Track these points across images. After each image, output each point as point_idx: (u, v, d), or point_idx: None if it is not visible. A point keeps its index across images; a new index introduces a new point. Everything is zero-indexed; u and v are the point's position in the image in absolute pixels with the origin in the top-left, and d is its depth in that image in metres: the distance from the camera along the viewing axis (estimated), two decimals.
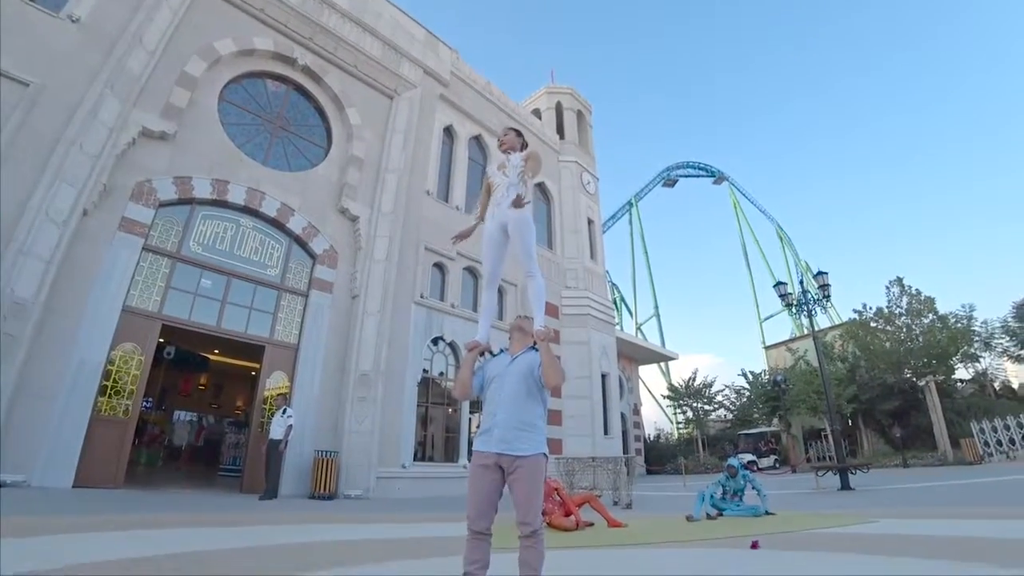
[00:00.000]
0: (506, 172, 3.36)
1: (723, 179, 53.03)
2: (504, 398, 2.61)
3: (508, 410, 2.57)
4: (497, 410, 2.60)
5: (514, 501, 2.51)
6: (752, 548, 4.33)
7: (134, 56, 9.53)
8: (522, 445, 2.51)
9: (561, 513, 6.11)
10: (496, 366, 2.78)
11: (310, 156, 12.81)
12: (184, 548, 3.98)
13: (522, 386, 2.63)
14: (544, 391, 2.70)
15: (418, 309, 13.10)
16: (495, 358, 2.85)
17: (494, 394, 2.67)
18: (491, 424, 2.58)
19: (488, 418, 2.63)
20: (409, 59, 14.81)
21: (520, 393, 2.62)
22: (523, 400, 2.61)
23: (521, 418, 2.57)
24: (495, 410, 2.61)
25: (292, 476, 10.07)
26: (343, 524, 6.03)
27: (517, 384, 2.63)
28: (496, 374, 2.73)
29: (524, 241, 3.24)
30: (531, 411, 2.61)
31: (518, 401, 2.60)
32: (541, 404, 2.69)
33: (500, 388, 2.65)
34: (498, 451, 2.51)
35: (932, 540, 4.48)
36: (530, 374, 2.65)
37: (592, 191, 21.26)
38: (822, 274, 14.17)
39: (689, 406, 34.63)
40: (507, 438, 2.52)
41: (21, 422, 7.46)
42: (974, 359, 28.63)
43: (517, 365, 2.70)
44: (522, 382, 2.64)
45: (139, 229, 9.33)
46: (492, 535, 2.54)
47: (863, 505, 8.22)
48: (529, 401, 2.62)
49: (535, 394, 2.65)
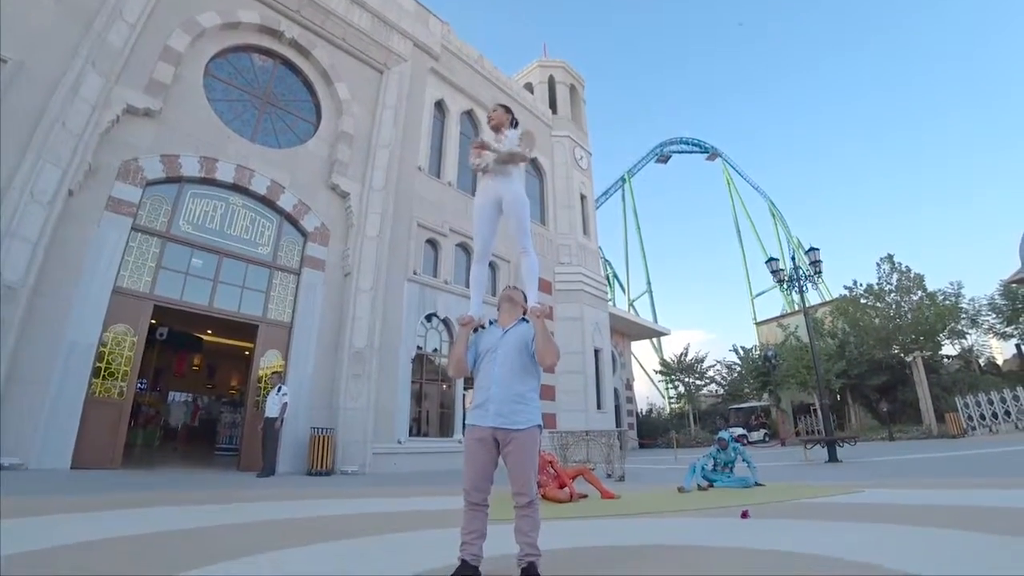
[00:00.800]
0: (501, 142, 3.29)
1: (716, 155, 52.78)
2: (497, 372, 2.61)
3: (502, 384, 2.58)
4: (491, 384, 2.60)
5: (509, 473, 2.54)
6: (742, 517, 4.42)
7: (114, 30, 9.27)
8: (517, 418, 2.53)
9: (555, 485, 6.21)
10: (488, 339, 2.77)
11: (299, 132, 12.61)
12: (183, 526, 4.02)
13: (516, 359, 2.63)
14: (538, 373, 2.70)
15: (411, 286, 13.09)
16: (486, 331, 2.84)
17: (487, 368, 2.67)
18: (485, 398, 2.59)
19: (482, 392, 2.63)
20: (399, 32, 14.50)
21: (514, 366, 2.62)
22: (517, 373, 2.61)
23: (515, 391, 2.57)
24: (488, 384, 2.61)
25: (289, 453, 10.15)
26: (340, 499, 6.11)
27: (510, 357, 2.63)
28: (488, 347, 2.72)
29: (519, 217, 3.20)
30: (525, 384, 2.62)
31: (512, 374, 2.60)
32: (535, 377, 2.69)
33: (493, 362, 2.65)
34: (493, 425, 2.53)
35: (916, 509, 4.61)
36: (524, 347, 2.65)
37: (585, 166, 21.12)
38: (814, 250, 14.22)
39: (681, 381, 35.06)
40: (502, 411, 2.53)
41: (16, 406, 7.45)
42: (961, 336, 29.05)
43: (509, 337, 2.70)
44: (515, 355, 2.64)
45: (127, 209, 9.20)
46: (489, 506, 2.58)
47: (850, 477, 8.41)
48: (523, 374, 2.62)
49: (528, 367, 2.65)
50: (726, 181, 53.12)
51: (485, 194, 3.25)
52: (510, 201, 3.18)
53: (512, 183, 3.21)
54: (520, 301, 2.88)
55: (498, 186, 3.21)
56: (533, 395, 2.66)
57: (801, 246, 41.61)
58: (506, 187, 3.19)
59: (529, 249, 3.19)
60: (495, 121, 3.42)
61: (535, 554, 2.46)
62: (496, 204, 3.23)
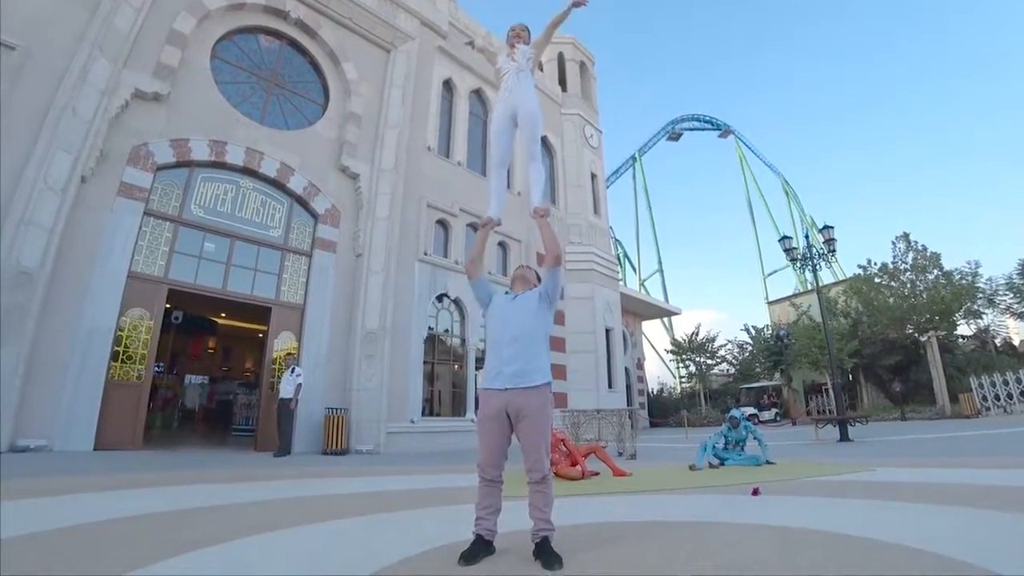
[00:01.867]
0: (515, 58, 3.50)
1: (729, 132, 51.87)
2: (509, 334, 2.70)
3: (513, 344, 2.66)
4: (502, 349, 2.68)
5: (522, 448, 2.59)
6: (753, 495, 4.45)
7: (120, 13, 9.23)
8: (530, 377, 2.61)
9: (567, 463, 6.28)
10: (500, 303, 2.87)
11: (308, 114, 12.56)
12: (205, 503, 4.13)
13: (527, 320, 2.72)
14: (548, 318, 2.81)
15: (422, 266, 13.12)
16: (499, 297, 2.93)
17: (499, 331, 2.75)
18: (498, 363, 2.66)
19: (494, 358, 2.70)
20: (405, 9, 14.29)
21: (524, 327, 2.70)
22: (527, 334, 2.69)
23: (527, 351, 2.65)
24: (500, 349, 2.69)
25: (304, 434, 10.33)
26: (357, 478, 6.22)
27: (522, 319, 2.73)
28: (500, 307, 2.83)
29: (532, 127, 3.41)
30: (535, 344, 2.70)
31: (523, 336, 2.68)
32: (545, 338, 2.80)
33: (505, 325, 2.74)
34: (508, 386, 2.59)
35: (929, 487, 4.62)
36: (534, 309, 2.75)
37: (595, 145, 20.88)
38: (828, 228, 14.01)
39: (692, 360, 35.04)
40: (517, 372, 2.60)
41: (39, 390, 7.65)
42: (977, 316, 28.65)
43: (520, 301, 2.81)
44: (527, 316, 2.73)
45: (139, 194, 9.26)
46: (503, 482, 2.62)
47: (861, 456, 8.41)
48: (533, 335, 2.71)
49: (539, 328, 2.74)
50: (739, 159, 52.31)
51: (504, 105, 3.46)
52: (525, 114, 3.40)
53: (528, 94, 3.44)
54: (532, 279, 2.99)
55: (516, 97, 3.42)
56: (544, 355, 2.74)
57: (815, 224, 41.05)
58: (522, 98, 3.41)
59: (537, 157, 3.45)
60: (520, 38, 3.63)
61: (549, 528, 2.50)
62: (512, 118, 3.44)
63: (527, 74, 3.47)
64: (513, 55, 3.51)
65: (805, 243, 14.62)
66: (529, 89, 3.45)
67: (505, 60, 3.54)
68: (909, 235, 27.64)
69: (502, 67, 3.54)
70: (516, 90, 3.41)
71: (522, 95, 3.40)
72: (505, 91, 3.45)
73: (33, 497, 4.04)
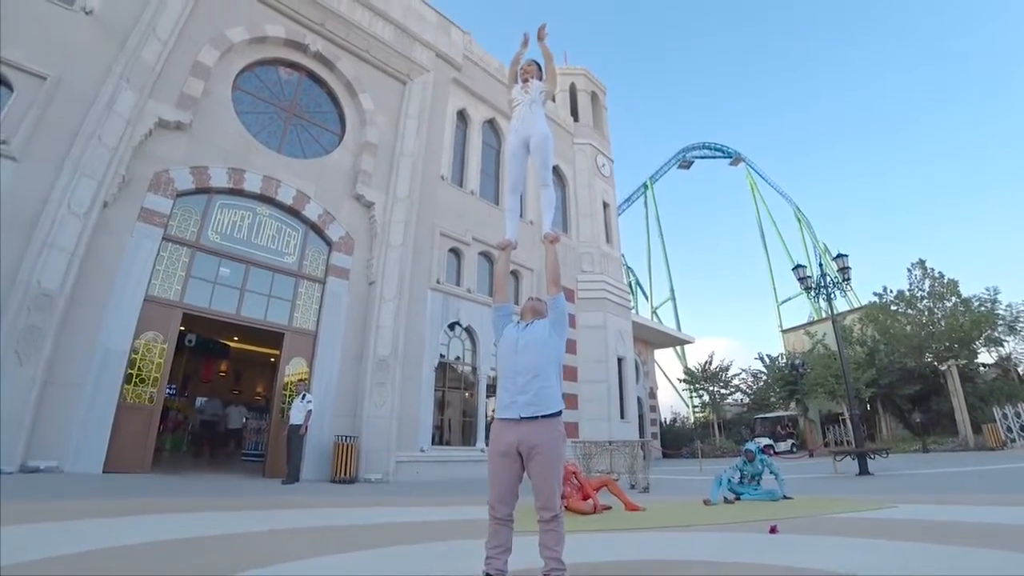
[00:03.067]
0: (528, 91, 3.71)
1: (740, 160, 52.06)
2: (522, 362, 2.71)
3: (526, 376, 2.67)
4: (516, 378, 2.69)
5: (534, 486, 2.54)
6: (771, 532, 4.32)
7: (148, 47, 9.58)
8: (544, 404, 2.61)
9: (579, 497, 6.15)
10: (512, 330, 2.91)
11: (324, 143, 12.83)
12: (212, 532, 4.09)
13: (539, 351, 2.75)
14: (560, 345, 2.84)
15: (435, 294, 13.16)
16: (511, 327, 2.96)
17: (512, 362, 2.76)
18: (511, 393, 2.67)
19: (507, 388, 2.70)
20: (421, 43, 14.69)
21: (538, 359, 2.72)
22: (541, 362, 2.71)
23: (540, 379, 2.66)
24: (514, 379, 2.69)
25: (313, 461, 10.25)
26: (366, 508, 6.14)
27: (533, 350, 2.75)
28: (511, 338, 2.86)
29: (544, 154, 3.64)
30: (548, 372, 2.72)
31: (536, 366, 2.69)
32: (557, 366, 2.81)
33: (517, 355, 2.76)
34: (523, 415, 2.58)
35: (957, 526, 4.44)
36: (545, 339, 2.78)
37: (607, 174, 21.03)
38: (842, 256, 13.91)
39: (705, 390, 34.47)
40: (530, 402, 2.60)
41: (51, 410, 7.69)
42: (998, 343, 27.98)
43: (531, 331, 2.84)
44: (539, 347, 2.76)
45: (158, 219, 9.45)
46: (514, 520, 2.57)
47: (883, 490, 8.16)
48: (546, 363, 2.72)
49: (551, 357, 2.76)
50: (750, 186, 52.38)
51: (516, 135, 3.68)
52: (537, 142, 3.61)
53: (540, 123, 3.63)
54: (542, 311, 3.00)
55: (528, 127, 3.63)
56: (557, 384, 2.75)
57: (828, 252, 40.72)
58: (535, 127, 3.61)
59: (549, 183, 3.70)
60: (530, 73, 3.83)
61: (560, 568, 2.44)
62: (525, 144, 3.65)
63: (539, 106, 3.70)
64: (527, 88, 3.72)
65: (819, 271, 14.50)
66: (541, 118, 3.68)
67: (519, 92, 3.76)
68: (925, 262, 27.28)
69: (515, 98, 3.76)
70: (528, 119, 3.64)
71: (535, 123, 3.63)
72: (518, 120, 3.69)
73: (41, 521, 4.02)
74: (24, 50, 8.46)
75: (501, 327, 2.96)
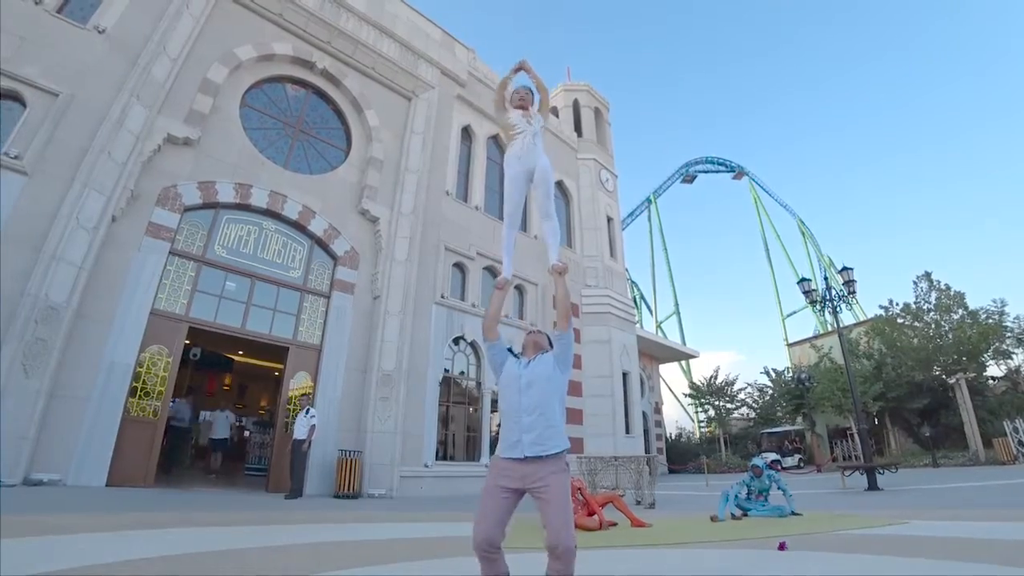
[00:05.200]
0: (530, 121, 3.63)
1: (743, 174, 52.20)
2: (526, 401, 2.63)
3: (532, 411, 2.59)
4: (520, 418, 2.61)
5: (547, 523, 2.43)
6: (779, 549, 4.26)
7: (158, 64, 9.74)
8: (550, 443, 2.54)
9: (584, 513, 6.09)
10: (513, 367, 2.81)
11: (330, 158, 12.95)
12: (213, 547, 4.06)
13: (543, 389, 2.67)
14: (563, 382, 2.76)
15: (439, 309, 13.17)
16: (511, 362, 2.86)
17: (515, 400, 2.67)
18: (516, 432, 2.58)
19: (512, 428, 2.62)
20: (426, 60, 14.88)
21: (542, 397, 2.65)
22: (546, 400, 2.64)
23: (546, 417, 2.59)
24: (519, 416, 2.61)
25: (317, 475, 10.20)
26: (368, 524, 6.09)
27: (537, 388, 2.67)
28: (513, 375, 2.76)
29: (547, 187, 3.58)
30: (553, 410, 2.64)
31: (541, 402, 2.63)
32: (561, 403, 2.74)
33: (521, 393, 2.67)
34: (528, 455, 2.51)
35: (971, 543, 4.37)
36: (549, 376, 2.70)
37: (611, 188, 21.11)
38: (847, 269, 13.89)
39: (711, 404, 34.21)
40: (536, 440, 2.53)
41: (56, 423, 7.70)
42: (1006, 356, 27.74)
43: (534, 367, 2.75)
44: (542, 384, 2.67)
45: (166, 234, 9.53)
46: (502, 549, 2.48)
47: (893, 506, 8.04)
48: (551, 401, 2.66)
49: (555, 394, 2.69)
50: (753, 200, 52.48)
51: (520, 164, 3.56)
52: (540, 174, 3.55)
53: (541, 154, 3.58)
54: (544, 344, 2.93)
55: (530, 157, 3.54)
56: (561, 422, 2.69)
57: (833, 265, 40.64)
58: (537, 158, 3.54)
59: (552, 214, 3.59)
60: (523, 101, 3.76)
61: None
62: (528, 174, 3.55)
63: (540, 137, 3.65)
64: (528, 118, 3.63)
65: (824, 285, 14.45)
66: (542, 149, 3.63)
67: (520, 120, 3.64)
68: (931, 274, 27.18)
69: (516, 124, 3.63)
70: (533, 151, 3.55)
71: (539, 155, 3.56)
72: (521, 149, 3.56)
73: (44, 535, 4.00)
74: (38, 67, 8.65)
75: (500, 363, 2.87)
